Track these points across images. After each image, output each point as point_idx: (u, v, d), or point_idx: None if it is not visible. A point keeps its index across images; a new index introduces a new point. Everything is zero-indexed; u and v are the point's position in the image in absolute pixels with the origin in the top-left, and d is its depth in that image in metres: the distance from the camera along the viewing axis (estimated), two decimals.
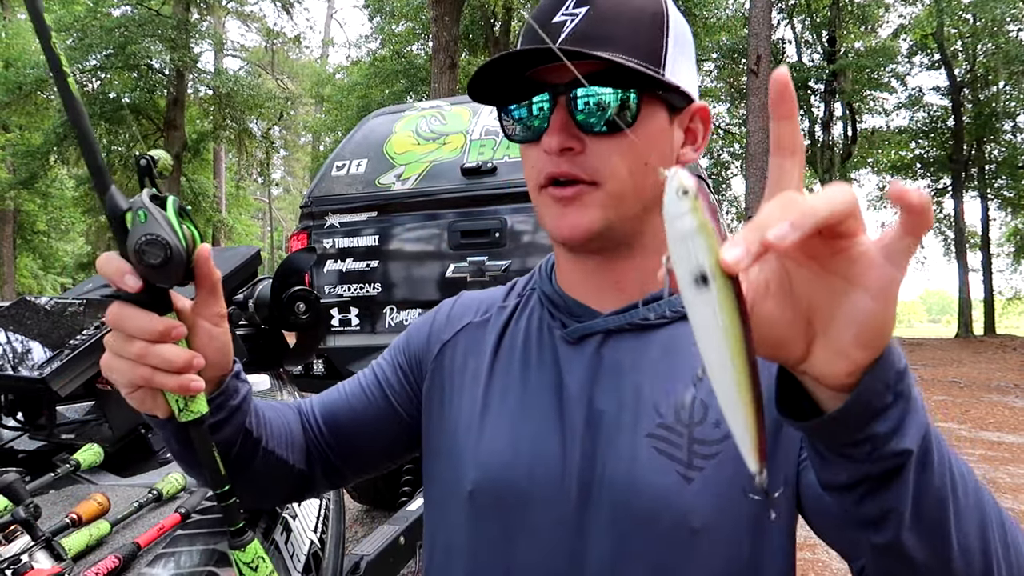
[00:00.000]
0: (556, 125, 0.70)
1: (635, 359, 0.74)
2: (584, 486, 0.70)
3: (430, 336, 0.89)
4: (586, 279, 0.78)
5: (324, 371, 3.58)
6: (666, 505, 0.67)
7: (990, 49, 24.38)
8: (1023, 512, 4.37)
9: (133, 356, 0.63)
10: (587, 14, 0.68)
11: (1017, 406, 8.80)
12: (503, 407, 0.76)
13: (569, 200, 0.71)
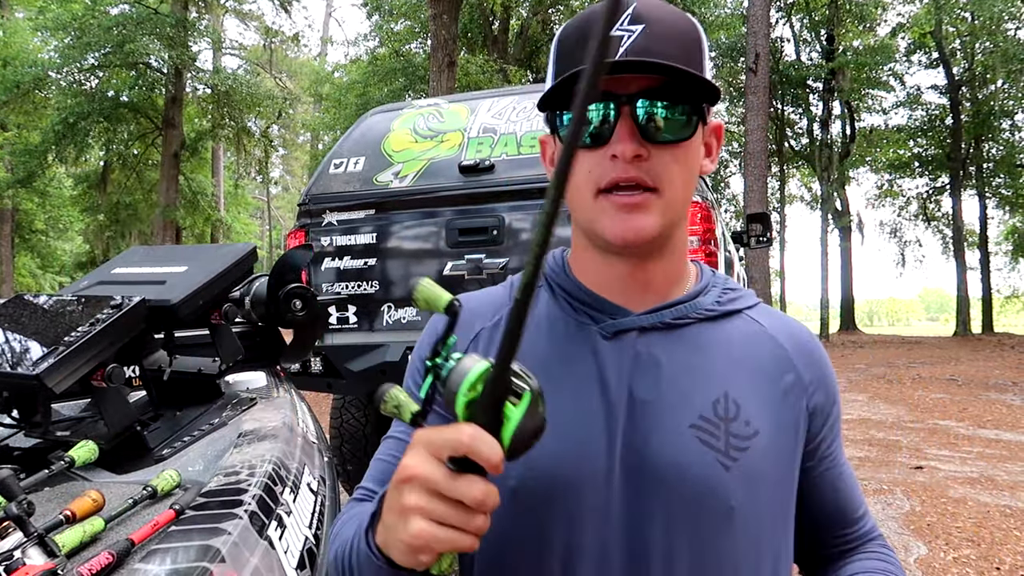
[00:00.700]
0: (625, 133, 0.74)
1: (670, 355, 0.79)
2: (632, 472, 0.75)
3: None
4: (619, 279, 0.82)
5: (322, 369, 3.58)
6: (710, 488, 0.75)
7: (988, 47, 24.37)
8: (1020, 509, 4.38)
9: (459, 523, 0.57)
10: (643, 31, 0.73)
11: (1015, 404, 8.80)
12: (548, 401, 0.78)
13: (635, 206, 0.75)
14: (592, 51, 0.49)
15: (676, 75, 0.73)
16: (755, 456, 0.77)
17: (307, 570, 1.00)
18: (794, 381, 0.83)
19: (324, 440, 1.60)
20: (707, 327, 0.82)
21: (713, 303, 0.84)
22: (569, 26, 0.81)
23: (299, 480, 1.19)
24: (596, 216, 0.77)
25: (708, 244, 3.17)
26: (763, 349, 0.83)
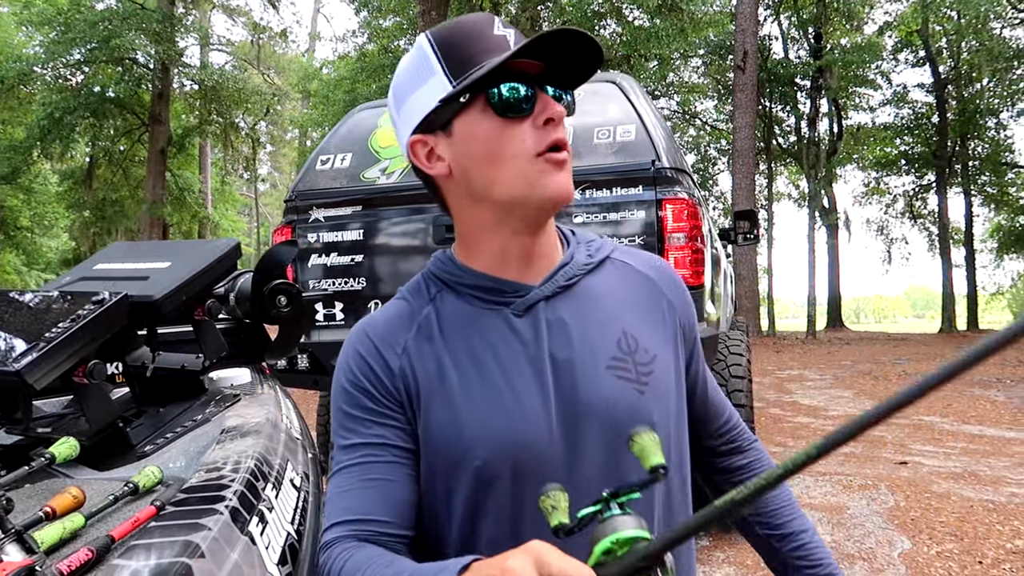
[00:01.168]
0: (549, 100, 0.85)
1: (572, 313, 0.90)
2: (568, 422, 0.86)
3: (380, 371, 0.90)
4: (519, 252, 0.91)
5: (308, 366, 3.57)
6: (635, 413, 0.88)
7: (974, 46, 24.54)
8: (1002, 504, 4.42)
9: None
10: (515, 34, 0.87)
11: (998, 400, 8.89)
12: (485, 386, 0.87)
13: (565, 162, 0.86)
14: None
15: (574, 54, 0.86)
16: (658, 376, 0.91)
17: (288, 565, 1.00)
18: (667, 306, 0.98)
19: (309, 436, 1.59)
20: (591, 279, 0.94)
21: (587, 257, 0.95)
22: (440, 33, 0.88)
23: (282, 476, 1.18)
24: (536, 178, 0.85)
25: (694, 241, 3.18)
26: (637, 285, 0.97)
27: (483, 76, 0.83)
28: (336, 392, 0.92)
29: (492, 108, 0.85)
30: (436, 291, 0.94)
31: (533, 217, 0.89)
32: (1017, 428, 7.07)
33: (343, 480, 0.87)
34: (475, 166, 0.87)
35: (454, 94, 0.85)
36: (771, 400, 9.14)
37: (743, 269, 17.36)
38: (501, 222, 0.89)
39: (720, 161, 29.53)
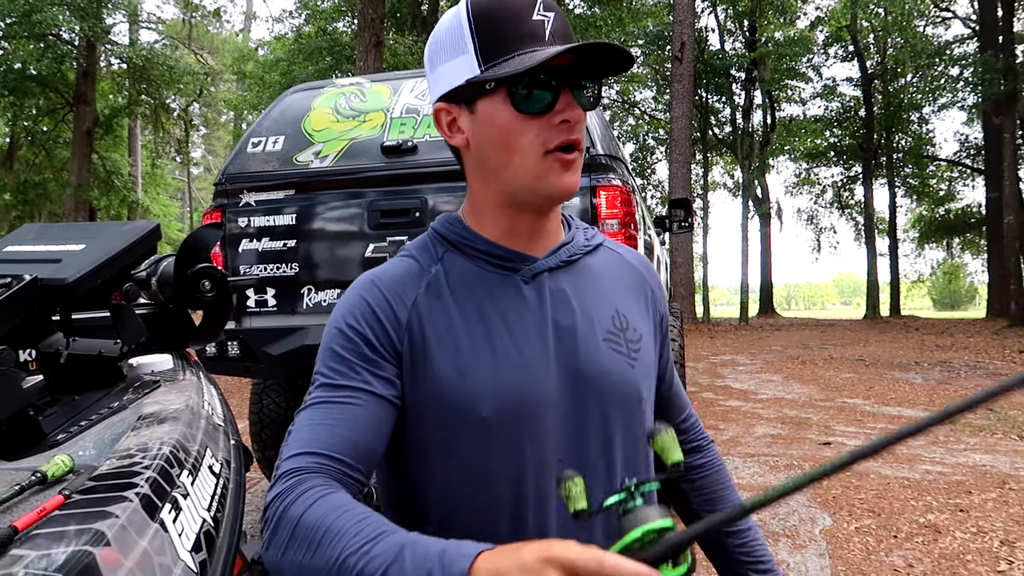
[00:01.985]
0: (571, 101, 0.88)
1: (572, 286, 0.97)
2: (569, 385, 0.92)
3: (386, 321, 0.92)
4: (527, 231, 0.96)
5: (239, 353, 3.50)
6: (628, 384, 0.96)
7: (899, 42, 25.42)
8: (916, 480, 4.64)
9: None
10: (556, 18, 0.88)
11: (916, 383, 9.30)
12: (493, 344, 0.91)
13: (573, 163, 0.90)
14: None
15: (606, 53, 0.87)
16: (645, 355, 1.00)
17: (203, 552, 0.98)
18: (650, 295, 1.06)
19: (232, 423, 1.56)
20: (589, 259, 1.01)
21: (585, 240, 1.02)
22: (480, 5, 0.88)
23: (200, 462, 1.16)
24: (543, 173, 0.89)
25: (628, 227, 3.23)
26: (627, 271, 1.05)
27: (523, 72, 0.85)
28: (331, 334, 0.93)
29: (512, 103, 0.88)
30: (443, 251, 0.98)
31: (539, 205, 0.94)
32: (932, 408, 7.41)
33: (317, 414, 0.87)
34: (490, 148, 0.91)
35: (480, 80, 0.88)
36: (704, 384, 9.36)
37: (679, 257, 17.69)
38: (509, 203, 0.95)
39: (658, 150, 29.94)
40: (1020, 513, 3.97)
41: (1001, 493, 4.34)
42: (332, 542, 0.73)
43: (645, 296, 1.06)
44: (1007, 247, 19.93)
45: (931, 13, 25.22)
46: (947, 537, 3.66)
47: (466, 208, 1.00)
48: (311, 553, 0.74)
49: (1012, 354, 12.00)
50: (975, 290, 55.99)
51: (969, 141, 27.28)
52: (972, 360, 11.46)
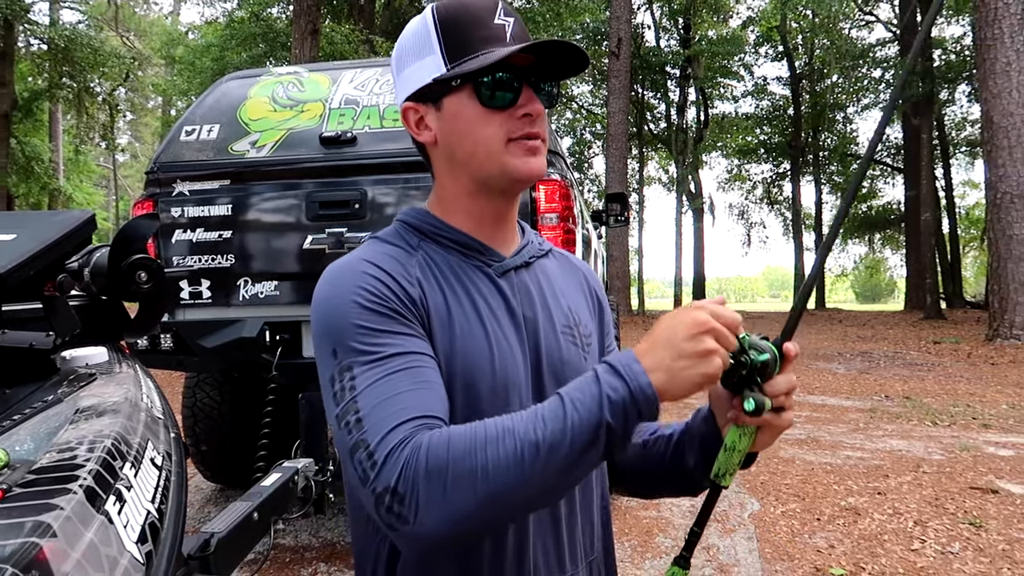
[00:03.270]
0: (532, 97, 0.95)
1: (534, 283, 1.05)
2: (536, 370, 1.00)
3: (401, 294, 0.93)
4: (489, 223, 1.02)
5: (172, 345, 3.42)
6: (580, 373, 0.96)
7: (826, 44, 26.28)
8: (838, 466, 4.86)
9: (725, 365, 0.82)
10: (516, 23, 0.96)
11: (839, 372, 9.69)
12: (482, 327, 0.97)
13: (536, 150, 0.96)
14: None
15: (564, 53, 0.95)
16: (593, 349, 1.09)
17: (149, 543, 0.98)
18: (595, 298, 1.16)
19: (171, 416, 1.54)
20: (544, 262, 1.09)
21: (539, 245, 1.10)
22: (447, 10, 0.95)
23: (141, 455, 1.15)
24: (507, 160, 0.95)
25: (566, 221, 3.28)
26: (575, 275, 1.14)
27: (484, 68, 0.92)
28: (352, 312, 0.89)
29: (478, 98, 0.94)
30: (418, 240, 1.01)
31: (505, 188, 1.00)
32: (853, 397, 7.75)
33: (387, 387, 0.84)
34: (457, 142, 0.97)
35: (447, 78, 0.94)
36: None
37: (615, 250, 17.94)
38: (478, 191, 1.00)
39: (595, 145, 30.23)
40: (932, 495, 4.20)
41: (915, 476, 4.58)
42: (499, 440, 0.77)
43: (591, 299, 1.15)
44: (924, 243, 20.90)
45: (856, 16, 26.16)
46: (866, 519, 3.85)
47: (433, 201, 1.05)
48: (481, 465, 0.76)
49: (927, 344, 12.61)
50: (894, 284, 58.46)
51: (890, 141, 28.45)
52: (891, 351, 12.00)
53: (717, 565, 3.34)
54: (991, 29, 11.26)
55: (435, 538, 0.77)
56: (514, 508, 0.80)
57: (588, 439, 0.76)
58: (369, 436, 0.80)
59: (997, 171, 11.47)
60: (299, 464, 2.69)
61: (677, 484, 1.06)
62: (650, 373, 0.78)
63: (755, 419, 0.85)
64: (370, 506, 0.79)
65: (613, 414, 0.76)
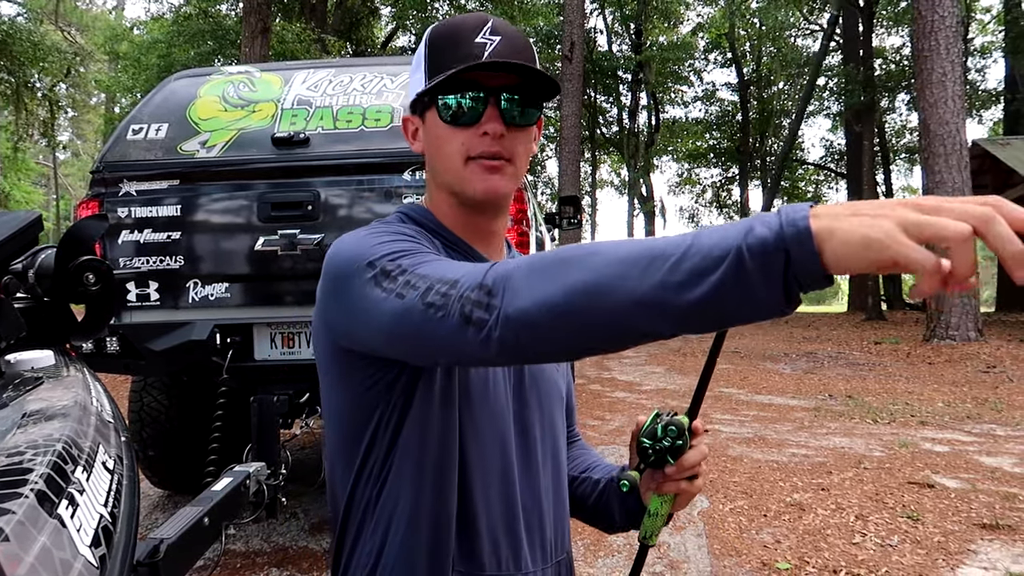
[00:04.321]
0: (494, 116, 0.95)
1: None
2: (518, 375, 1.05)
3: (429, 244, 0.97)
4: (477, 230, 1.05)
5: (119, 349, 3.35)
6: (556, 383, 1.11)
7: (772, 51, 26.91)
8: (784, 463, 4.99)
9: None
10: (501, 41, 0.95)
11: (785, 372, 9.94)
12: None
13: (495, 169, 0.97)
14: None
15: (531, 76, 0.96)
16: (562, 364, 1.15)
17: (102, 547, 0.97)
18: None
19: (121, 420, 1.52)
20: None
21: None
22: (438, 30, 1.00)
23: (93, 459, 1.14)
24: (466, 177, 0.97)
25: (520, 224, 3.32)
26: None
27: (438, 86, 0.95)
28: (378, 241, 0.89)
29: (439, 115, 0.98)
30: (418, 229, 1.02)
31: (473, 206, 1.01)
32: (799, 396, 7.97)
33: (440, 262, 0.83)
34: (432, 156, 1.02)
35: (420, 94, 1.00)
36: (592, 377, 9.65)
37: None
38: (457, 203, 1.03)
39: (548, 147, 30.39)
40: (873, 490, 4.35)
41: (857, 472, 4.73)
42: (606, 244, 0.69)
43: None
44: None
45: (801, 25, 26.86)
46: (810, 514, 3.97)
47: (429, 203, 1.08)
48: (582, 254, 0.69)
49: (868, 345, 13.00)
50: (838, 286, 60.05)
51: (833, 147, 29.30)
52: (835, 351, 12.34)
53: (668, 562, 3.41)
54: (928, 41, 11.68)
55: (521, 318, 0.70)
56: (604, 310, 0.66)
57: (709, 262, 0.61)
58: (445, 273, 0.78)
59: (934, 177, 11.89)
60: (251, 468, 2.65)
61: (599, 524, 1.19)
62: (814, 217, 0.58)
63: (672, 487, 1.02)
64: (451, 324, 0.74)
65: (750, 244, 0.59)
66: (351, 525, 1.02)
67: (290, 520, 4.03)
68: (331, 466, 1.06)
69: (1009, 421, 6.43)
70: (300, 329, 3.35)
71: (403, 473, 0.97)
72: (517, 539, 1.01)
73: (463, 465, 0.98)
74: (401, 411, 0.96)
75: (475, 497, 0.99)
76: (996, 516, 3.82)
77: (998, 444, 5.53)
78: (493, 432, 1.01)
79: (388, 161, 3.31)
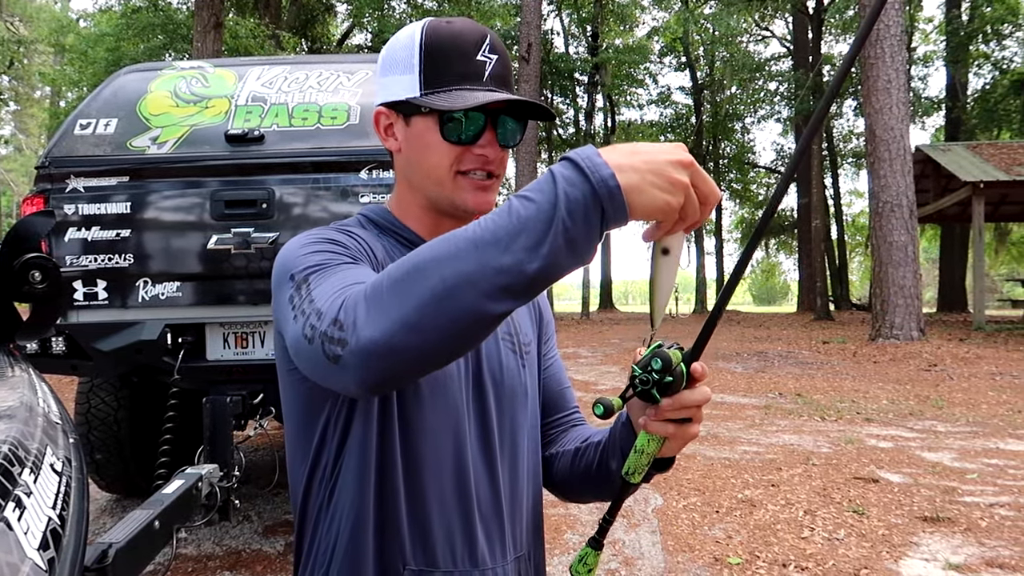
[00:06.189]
0: (493, 139, 0.99)
1: None
2: (474, 374, 1.04)
3: (367, 255, 0.98)
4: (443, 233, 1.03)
5: (65, 349, 3.26)
6: (518, 380, 1.10)
7: (725, 56, 27.38)
8: (736, 461, 5.09)
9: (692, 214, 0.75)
10: (498, 61, 0.98)
11: (737, 371, 10.13)
12: None
13: (487, 188, 1.01)
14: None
15: (527, 106, 0.99)
16: (532, 358, 1.14)
17: (51, 550, 0.95)
18: (536, 308, 1.21)
19: (69, 421, 1.49)
20: None
21: None
22: (436, 35, 0.98)
23: (40, 461, 1.11)
24: (456, 191, 1.00)
25: None
26: None
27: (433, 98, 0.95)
28: (310, 248, 0.92)
29: (440, 131, 0.98)
30: (378, 232, 1.06)
31: (455, 215, 1.02)
32: (750, 395, 8.13)
33: (338, 276, 0.85)
34: (416, 161, 1.01)
35: (417, 103, 0.97)
36: None
37: None
38: (430, 207, 1.04)
39: None
40: (821, 485, 4.46)
41: (805, 468, 4.85)
42: (437, 243, 0.72)
43: (531, 308, 1.20)
44: (814, 248, 22.05)
45: (753, 31, 27.39)
46: (761, 510, 4.06)
47: (392, 202, 1.09)
48: (414, 265, 0.71)
49: (817, 344, 13.32)
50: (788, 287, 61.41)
51: (784, 151, 29.90)
52: (784, 350, 12.62)
53: (623, 559, 3.45)
54: (874, 49, 12.01)
55: (371, 349, 0.71)
56: (455, 311, 0.69)
57: (534, 237, 0.67)
58: (319, 303, 0.80)
59: (879, 181, 12.24)
60: (203, 470, 2.62)
61: (606, 488, 1.08)
62: (617, 171, 0.68)
63: (658, 427, 0.90)
64: (320, 359, 0.76)
65: (570, 210, 0.67)
66: (308, 524, 1.02)
67: (243, 523, 3.98)
68: (290, 465, 1.06)
69: (949, 417, 6.66)
70: (254, 329, 3.31)
71: (350, 472, 0.97)
72: (473, 534, 1.01)
73: (415, 461, 0.98)
74: (348, 408, 0.96)
75: (428, 493, 0.99)
76: (937, 509, 3.96)
77: (939, 440, 5.72)
78: (447, 426, 1.00)
79: (344, 159, 3.28)
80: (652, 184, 0.69)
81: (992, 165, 15.05)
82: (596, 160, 0.68)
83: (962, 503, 4.08)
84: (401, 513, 0.97)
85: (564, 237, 0.67)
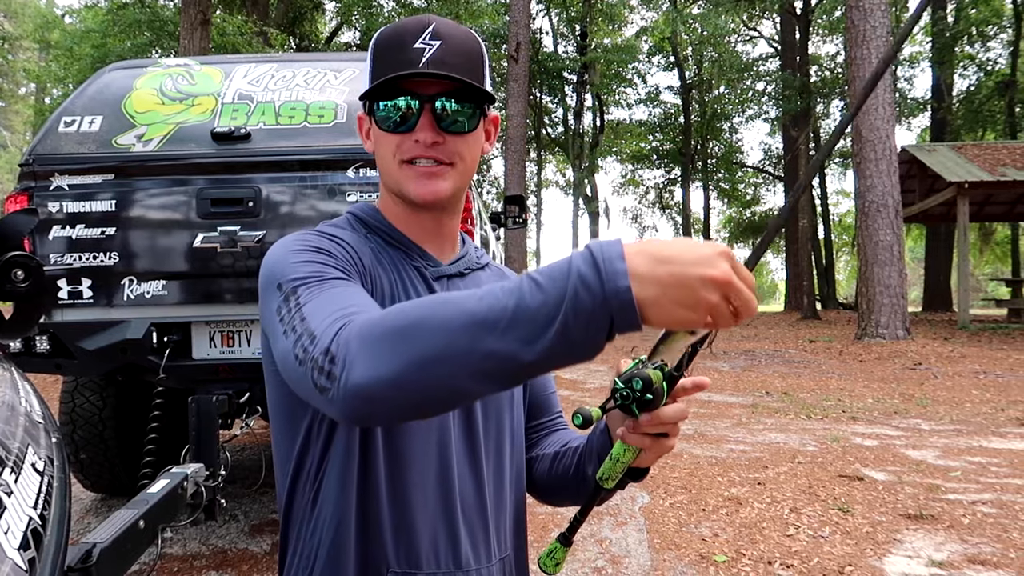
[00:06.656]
0: (427, 124, 0.97)
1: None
2: None
3: (354, 260, 0.97)
4: (425, 231, 1.07)
5: (49, 348, 3.24)
6: (507, 395, 1.10)
7: (713, 56, 27.48)
8: (722, 459, 5.12)
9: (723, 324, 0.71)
10: (441, 46, 0.96)
11: (724, 370, 10.18)
12: None
13: (433, 174, 1.00)
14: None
15: (463, 84, 0.97)
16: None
17: (32, 550, 0.95)
18: None
19: (52, 420, 1.48)
20: (480, 274, 1.14)
21: (477, 257, 1.16)
22: (384, 33, 1.00)
23: (22, 460, 1.11)
24: (401, 180, 1.00)
25: (465, 223, 3.33)
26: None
27: (372, 92, 0.98)
28: (298, 255, 0.92)
29: (374, 120, 1.02)
30: (366, 232, 1.06)
31: (414, 207, 1.03)
32: (737, 394, 8.17)
33: (330, 295, 0.84)
34: (377, 155, 1.04)
35: (361, 98, 1.02)
36: None
37: (513, 252, 18.11)
38: (397, 200, 1.05)
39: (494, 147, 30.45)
40: (806, 483, 4.49)
41: (791, 467, 4.88)
42: (436, 304, 0.71)
43: None
44: (801, 248, 22.18)
45: (741, 31, 27.50)
46: (747, 508, 4.08)
47: (379, 202, 1.11)
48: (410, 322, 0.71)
49: (804, 343, 13.40)
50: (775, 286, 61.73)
51: (772, 150, 30.06)
52: (771, 349, 12.68)
53: (609, 557, 3.46)
54: (860, 49, 12.09)
55: (357, 393, 0.71)
56: (437, 381, 0.70)
57: (532, 330, 0.66)
58: (312, 324, 0.80)
59: (865, 181, 12.33)
60: (189, 469, 2.60)
61: (582, 492, 1.07)
62: (635, 280, 0.65)
63: (635, 439, 0.91)
64: (308, 383, 0.76)
65: (577, 311, 0.65)
66: (292, 525, 1.03)
67: (229, 522, 3.96)
68: (276, 465, 1.06)
69: (933, 416, 6.72)
70: (240, 328, 3.29)
71: (334, 474, 0.97)
72: (456, 536, 1.01)
73: (399, 463, 0.98)
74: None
75: (411, 495, 0.99)
76: (920, 507, 3.99)
77: (923, 438, 5.77)
78: (430, 428, 1.00)
79: (332, 158, 3.28)
80: (673, 300, 0.66)
81: (977, 166, 15.18)
82: (617, 266, 0.65)
83: (945, 501, 4.12)
84: (384, 515, 0.97)
85: (563, 337, 0.66)
